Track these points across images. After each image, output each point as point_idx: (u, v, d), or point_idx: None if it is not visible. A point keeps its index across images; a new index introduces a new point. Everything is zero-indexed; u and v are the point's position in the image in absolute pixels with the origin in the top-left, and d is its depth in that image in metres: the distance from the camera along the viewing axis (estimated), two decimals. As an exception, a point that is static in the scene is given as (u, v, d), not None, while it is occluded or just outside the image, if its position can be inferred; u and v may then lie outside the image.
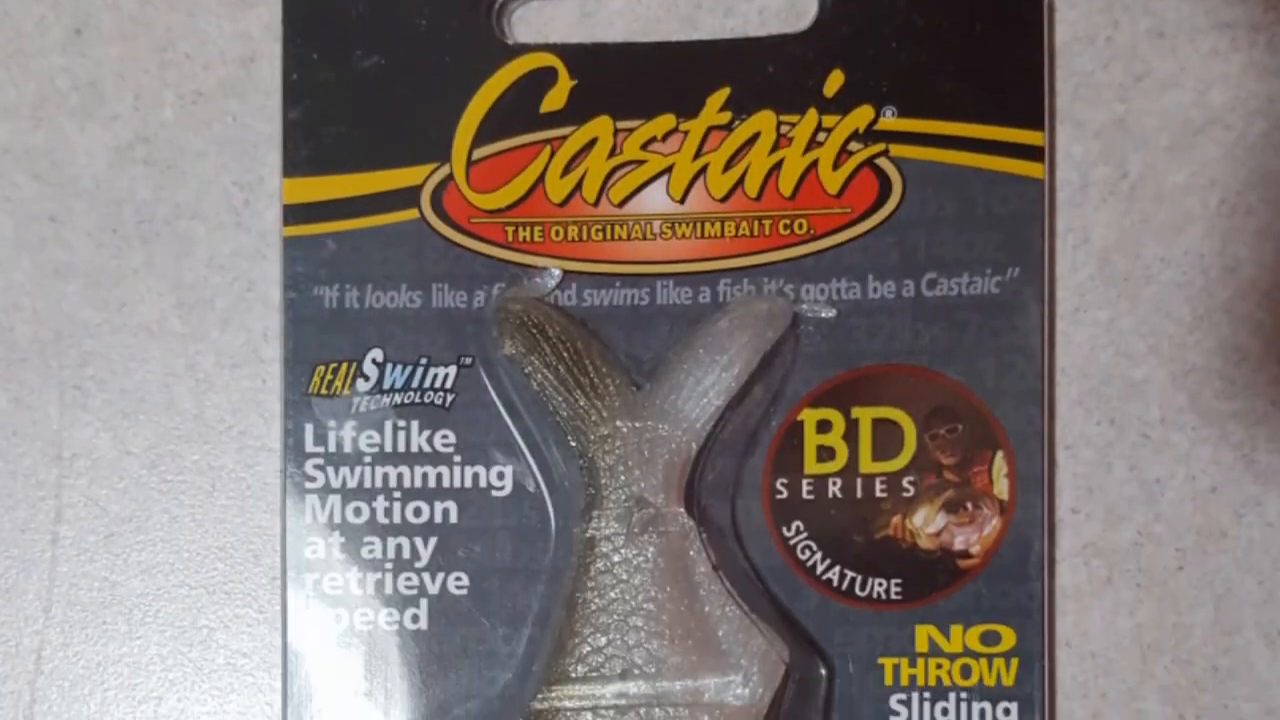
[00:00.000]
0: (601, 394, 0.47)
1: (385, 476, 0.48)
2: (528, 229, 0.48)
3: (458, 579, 0.48)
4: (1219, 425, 0.48)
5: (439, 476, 0.48)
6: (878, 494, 0.47)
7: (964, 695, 0.47)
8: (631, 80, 0.48)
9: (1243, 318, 0.48)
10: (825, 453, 0.47)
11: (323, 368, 0.48)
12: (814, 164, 0.48)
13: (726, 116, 0.48)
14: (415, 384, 0.48)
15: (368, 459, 0.48)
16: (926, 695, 0.47)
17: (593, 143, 0.48)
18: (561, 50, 0.48)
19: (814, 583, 0.47)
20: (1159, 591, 0.48)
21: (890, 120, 0.47)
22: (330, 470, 0.48)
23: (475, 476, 0.48)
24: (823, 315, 0.48)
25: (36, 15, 0.50)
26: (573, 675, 0.46)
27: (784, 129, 0.48)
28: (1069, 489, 0.48)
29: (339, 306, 0.48)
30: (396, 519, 0.48)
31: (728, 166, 0.48)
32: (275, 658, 0.49)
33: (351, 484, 0.48)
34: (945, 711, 0.47)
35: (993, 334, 0.47)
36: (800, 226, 0.48)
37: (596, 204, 0.48)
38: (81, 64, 0.50)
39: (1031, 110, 0.47)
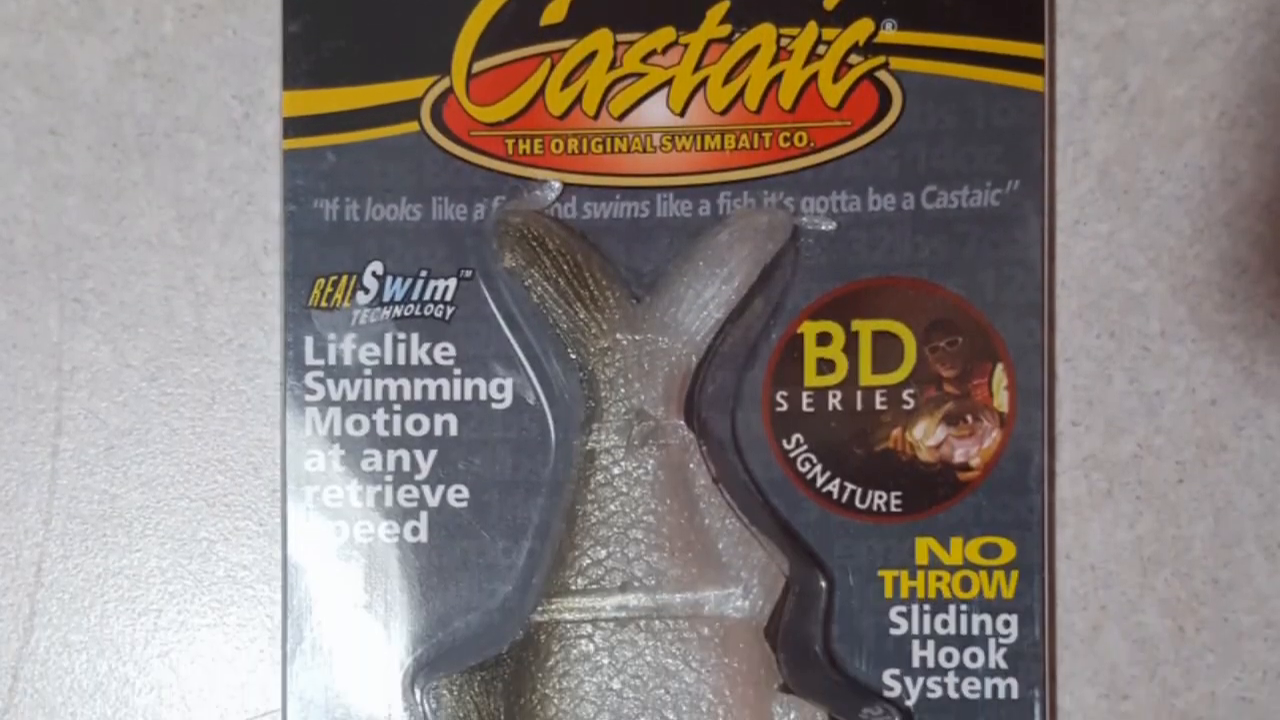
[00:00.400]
0: (601, 307, 0.47)
1: (385, 389, 0.48)
2: (528, 142, 0.48)
3: (458, 491, 0.48)
4: (1219, 338, 0.48)
5: (439, 389, 0.48)
6: (878, 406, 0.47)
7: (964, 607, 0.47)
8: (631, -8, 0.48)
9: (1243, 231, 0.48)
10: (825, 365, 0.47)
11: (323, 280, 0.48)
12: (814, 77, 0.47)
13: (726, 29, 0.48)
14: (415, 296, 0.48)
15: (368, 371, 0.48)
16: (926, 607, 0.47)
17: (592, 55, 0.48)
18: (561, -38, 0.48)
19: (814, 495, 0.47)
20: (1159, 504, 0.48)
21: (890, 33, 0.47)
22: (330, 383, 0.48)
23: (475, 389, 0.48)
24: (822, 228, 0.48)
25: (36, -70, 0.50)
26: (573, 588, 0.46)
27: (784, 42, 0.48)
28: (1069, 401, 0.48)
29: (339, 219, 0.48)
30: (396, 431, 0.48)
31: (728, 79, 0.48)
32: (275, 570, 0.49)
33: (351, 396, 0.48)
34: (945, 623, 0.47)
35: (992, 246, 0.47)
36: (800, 139, 0.48)
37: (596, 117, 0.48)
38: (81, -23, 0.50)
39: (1031, 23, 0.47)
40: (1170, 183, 0.48)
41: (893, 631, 0.47)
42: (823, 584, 0.47)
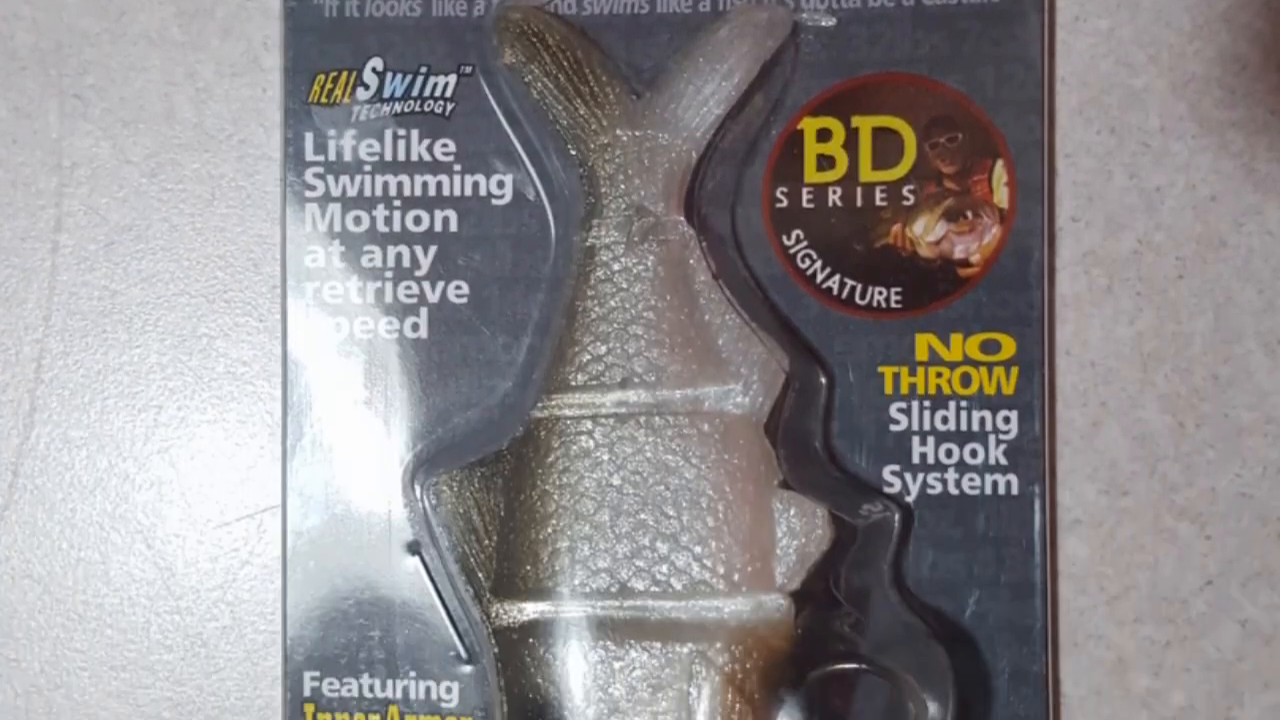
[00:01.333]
0: (601, 103, 0.47)
1: (385, 185, 0.48)
2: (528, -64, 0.48)
3: (457, 287, 0.48)
4: (1219, 134, 0.48)
5: (439, 185, 0.48)
6: (878, 202, 0.47)
7: (964, 404, 0.47)
8: None
9: (1242, 26, 0.48)
10: (825, 161, 0.47)
11: (323, 76, 0.48)
12: (814, -128, 0.48)
13: None
14: (415, 93, 0.48)
15: (368, 167, 0.48)
16: (926, 404, 0.47)
17: None
18: None
19: (814, 291, 0.47)
20: (1159, 300, 0.48)
21: None
22: (330, 179, 0.48)
23: (475, 185, 0.48)
24: (823, 24, 0.47)
25: None
26: (573, 384, 0.46)
27: None
28: (1069, 197, 0.48)
29: (339, 15, 0.48)
30: (396, 227, 0.48)
31: (728, -128, 0.48)
32: (275, 366, 0.49)
33: (351, 192, 0.48)
34: (945, 420, 0.47)
35: (993, 43, 0.47)
36: (800, -65, 0.48)
37: (596, -89, 0.48)
38: None
39: None
40: (1170, -22, 0.48)
41: (892, 428, 0.47)
42: (822, 380, 0.47)
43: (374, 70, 0.48)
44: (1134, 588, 0.47)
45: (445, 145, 0.48)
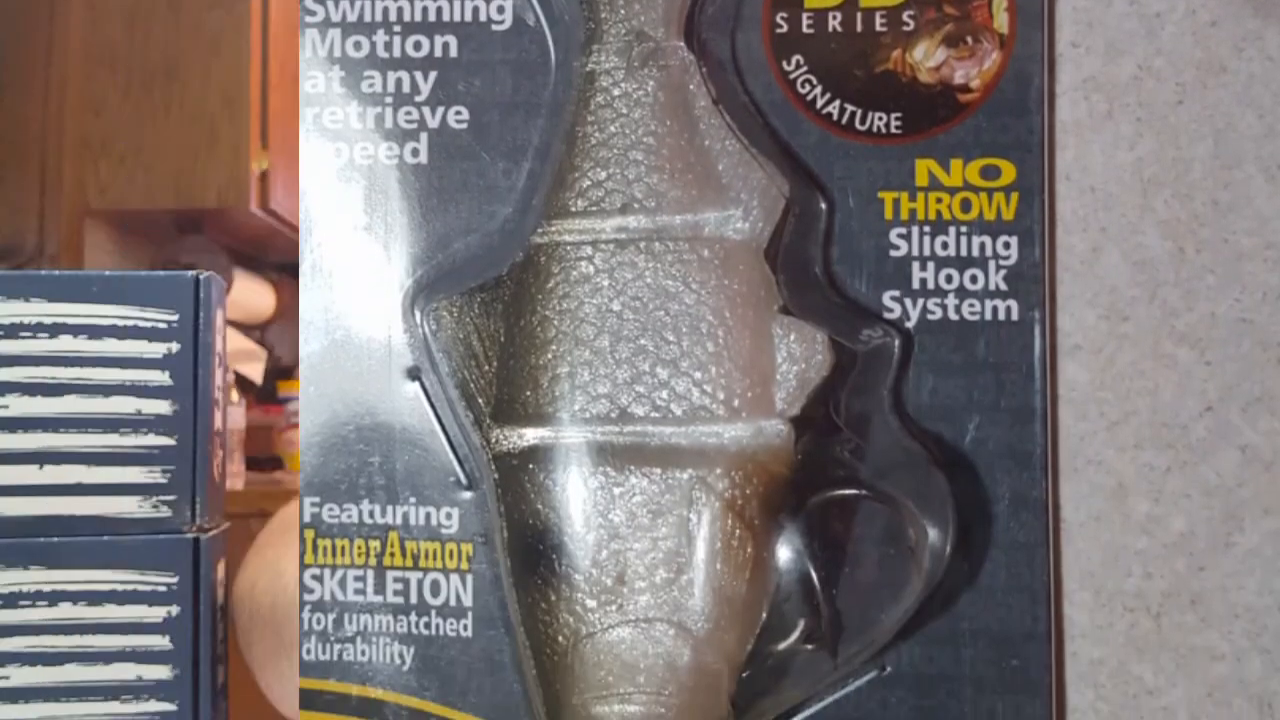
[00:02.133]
0: (601, -73, 0.47)
1: (385, 10, 0.48)
2: None
3: (457, 113, 0.48)
4: (1220, -41, 0.48)
5: (439, 10, 0.48)
6: (878, 28, 0.47)
7: (964, 229, 0.47)
8: None
9: None
10: (825, -14, 0.47)
11: (322, -99, 0.48)
12: None
13: None
14: (414, -83, 0.48)
15: (367, -8, 0.48)
16: (926, 229, 0.47)
17: None
18: None
19: (814, 116, 0.47)
20: (1159, 125, 0.48)
21: None
22: (330, 4, 0.48)
23: (475, 10, 0.48)
24: None
25: None
26: (573, 209, 0.46)
27: None
28: (1069, 23, 0.48)
29: None
30: (396, 53, 0.48)
31: None
32: (275, 192, 0.49)
33: (351, 17, 0.48)
34: (945, 245, 0.47)
35: None
36: None
37: None
38: None
39: None
40: None
41: (892, 253, 0.47)
42: (822, 206, 0.47)
43: (373, -106, 0.48)
44: (1134, 413, 0.47)
45: (445, -31, 0.48)
